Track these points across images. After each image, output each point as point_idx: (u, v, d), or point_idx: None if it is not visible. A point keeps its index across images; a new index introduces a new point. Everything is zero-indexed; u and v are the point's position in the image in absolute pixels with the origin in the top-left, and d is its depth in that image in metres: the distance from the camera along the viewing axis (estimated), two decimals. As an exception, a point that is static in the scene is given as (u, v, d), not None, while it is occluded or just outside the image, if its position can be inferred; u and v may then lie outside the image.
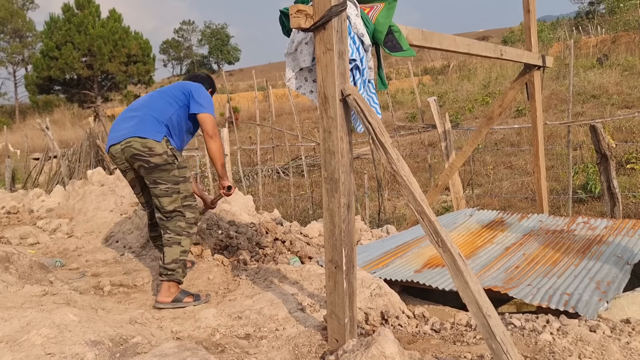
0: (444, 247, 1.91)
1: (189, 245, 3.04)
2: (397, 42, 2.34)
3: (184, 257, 3.00)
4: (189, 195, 3.07)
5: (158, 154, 2.94)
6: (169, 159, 2.97)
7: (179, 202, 3.02)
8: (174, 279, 2.95)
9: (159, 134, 2.97)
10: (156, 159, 2.94)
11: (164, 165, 2.96)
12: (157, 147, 2.94)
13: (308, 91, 2.45)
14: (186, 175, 3.06)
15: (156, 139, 2.95)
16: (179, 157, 3.06)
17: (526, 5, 4.28)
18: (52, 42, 26.22)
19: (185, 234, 3.02)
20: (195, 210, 3.08)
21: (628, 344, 2.16)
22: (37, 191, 6.09)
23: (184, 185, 3.05)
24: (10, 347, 2.02)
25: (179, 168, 3.04)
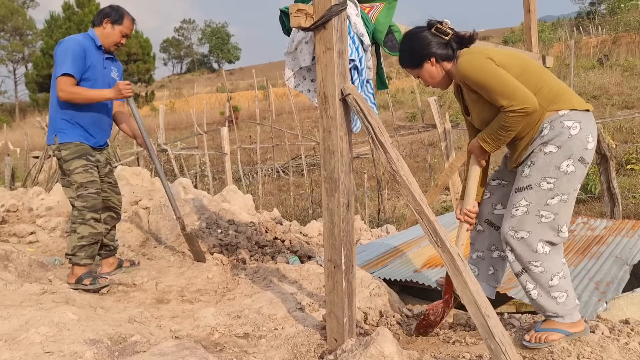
0: (443, 247, 1.90)
1: (87, 231, 3.20)
2: (397, 42, 2.34)
3: (82, 242, 3.19)
4: (79, 186, 3.19)
5: (53, 151, 3.25)
6: (58, 155, 3.22)
7: (73, 193, 3.23)
8: (73, 262, 3.20)
9: (51, 137, 3.22)
10: (55, 157, 3.26)
11: (59, 161, 3.26)
12: (51, 146, 3.26)
13: (306, 89, 2.46)
14: (71, 168, 3.18)
15: (50, 143, 3.26)
16: (66, 149, 3.18)
17: (527, 5, 4.27)
18: (53, 41, 26.19)
19: (80, 221, 3.19)
20: (86, 199, 3.19)
21: (627, 345, 2.16)
22: (37, 189, 6.09)
23: (72, 177, 3.19)
24: (9, 346, 2.02)
25: (65, 161, 3.19)
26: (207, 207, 4.56)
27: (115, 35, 3.30)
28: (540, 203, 2.10)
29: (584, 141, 2.08)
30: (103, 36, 3.27)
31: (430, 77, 2.24)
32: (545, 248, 2.13)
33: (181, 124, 22.66)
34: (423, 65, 2.21)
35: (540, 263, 2.13)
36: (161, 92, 31.87)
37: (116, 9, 3.31)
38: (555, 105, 2.10)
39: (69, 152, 3.18)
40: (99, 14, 3.30)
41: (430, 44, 2.17)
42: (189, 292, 3.18)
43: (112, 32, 3.29)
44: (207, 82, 43.57)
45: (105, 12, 3.29)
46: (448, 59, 2.20)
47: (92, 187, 3.22)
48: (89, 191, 3.20)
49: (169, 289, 3.25)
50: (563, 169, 2.07)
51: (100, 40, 3.26)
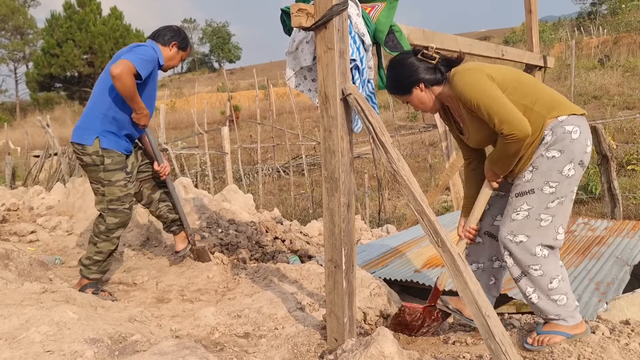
0: (443, 247, 1.90)
1: (107, 248, 3.09)
2: (398, 42, 2.34)
3: (98, 258, 3.09)
4: (115, 199, 3.04)
5: (88, 154, 3.00)
6: (97, 160, 3.00)
7: (104, 205, 3.05)
8: (83, 274, 3.10)
9: (90, 137, 2.99)
10: (86, 159, 3.02)
11: (90, 166, 3.03)
12: (87, 148, 3.00)
13: (307, 89, 2.45)
14: (112, 179, 3.02)
15: (87, 143, 3.00)
16: (110, 157, 3.01)
17: (528, 6, 4.27)
18: (53, 40, 26.26)
19: (104, 237, 3.07)
20: (119, 215, 3.06)
21: (627, 345, 2.16)
22: (37, 188, 6.10)
23: (109, 188, 3.03)
24: (9, 345, 2.02)
25: (105, 171, 3.01)
26: (207, 206, 4.56)
27: (176, 60, 3.21)
28: (541, 207, 2.10)
29: (584, 145, 2.10)
30: (167, 57, 3.16)
31: (420, 102, 2.23)
32: (544, 251, 2.14)
33: (182, 124, 22.67)
34: (412, 91, 2.20)
35: (540, 266, 2.13)
36: (162, 91, 31.83)
37: (184, 35, 3.22)
38: (555, 111, 2.11)
39: (112, 161, 3.02)
40: (166, 34, 3.15)
41: (417, 69, 2.16)
42: (190, 292, 3.19)
43: (176, 56, 3.19)
44: (208, 81, 43.57)
45: (174, 34, 3.17)
46: (437, 83, 2.18)
47: (127, 202, 3.10)
48: (124, 206, 3.08)
49: (170, 288, 3.25)
50: (565, 173, 2.08)
51: (164, 60, 3.15)
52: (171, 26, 3.24)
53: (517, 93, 2.08)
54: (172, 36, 3.15)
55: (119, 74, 2.79)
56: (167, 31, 3.17)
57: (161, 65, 3.15)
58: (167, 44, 3.14)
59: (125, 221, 3.12)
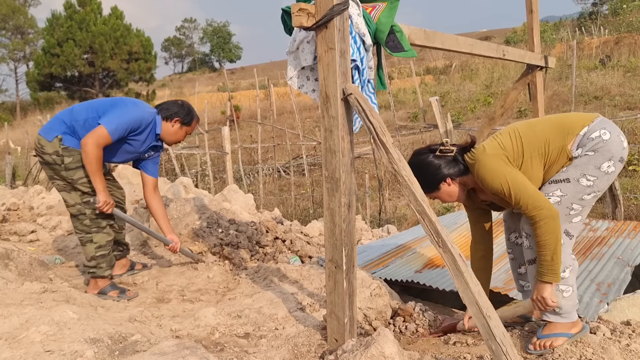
0: (444, 248, 1.90)
1: (104, 239, 3.07)
2: (398, 43, 2.33)
3: (101, 252, 3.06)
4: (85, 192, 3.00)
5: (48, 152, 2.96)
6: (57, 160, 2.96)
7: (78, 199, 3.01)
8: (96, 275, 3.06)
9: (52, 133, 2.96)
10: (46, 157, 2.97)
11: (52, 165, 2.98)
12: (47, 145, 2.95)
13: (310, 90, 2.45)
14: (75, 177, 2.97)
15: (47, 138, 2.96)
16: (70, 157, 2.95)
17: (529, 6, 4.27)
18: (54, 39, 26.25)
19: (95, 229, 3.04)
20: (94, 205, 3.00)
21: (628, 346, 2.16)
22: (38, 188, 6.09)
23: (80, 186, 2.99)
24: (9, 344, 2.02)
25: (67, 170, 2.96)
26: (208, 206, 4.56)
27: (180, 135, 3.22)
28: (575, 197, 2.13)
29: (619, 141, 2.15)
30: (168, 133, 3.17)
31: (449, 195, 2.29)
32: (564, 238, 2.16)
33: (182, 123, 22.61)
34: (440, 187, 2.26)
35: None
36: (162, 91, 31.87)
37: (188, 110, 3.21)
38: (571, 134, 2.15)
39: (73, 159, 2.97)
40: (170, 109, 3.16)
41: (440, 167, 2.22)
42: (190, 292, 3.18)
43: (178, 131, 3.20)
44: (209, 81, 43.58)
45: (177, 110, 3.17)
46: (462, 174, 2.25)
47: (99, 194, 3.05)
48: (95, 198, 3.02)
49: (170, 289, 3.24)
50: (604, 169, 2.12)
51: (162, 135, 3.17)
52: (176, 101, 3.25)
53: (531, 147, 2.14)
54: (175, 112, 3.16)
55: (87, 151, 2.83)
56: (171, 106, 3.18)
57: (157, 135, 3.15)
58: (169, 120, 3.16)
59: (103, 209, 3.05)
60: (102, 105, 3.05)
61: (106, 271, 3.08)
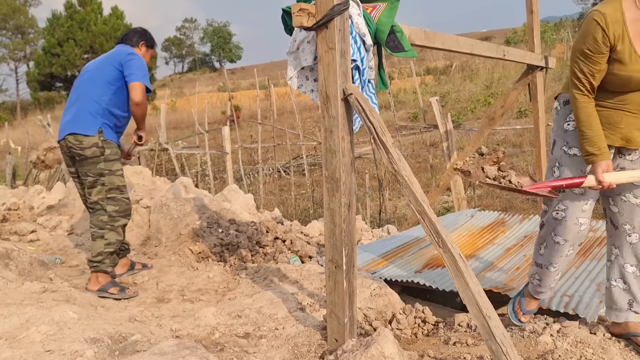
0: (444, 248, 1.90)
1: (114, 238, 3.16)
2: (399, 43, 2.33)
3: (109, 249, 3.13)
4: (114, 188, 3.15)
5: (88, 146, 3.08)
6: (97, 152, 3.09)
7: (103, 194, 3.14)
8: (99, 269, 3.10)
9: (92, 129, 3.09)
10: (86, 152, 3.08)
11: (89, 158, 3.09)
12: (87, 140, 3.08)
13: (309, 90, 2.45)
14: (112, 169, 3.14)
15: (89, 134, 3.08)
16: (110, 148, 3.14)
17: (529, 6, 4.26)
18: (54, 39, 26.27)
19: (109, 227, 3.14)
20: (119, 203, 3.16)
21: (628, 346, 2.16)
22: (38, 188, 6.09)
23: (109, 178, 3.13)
24: (9, 344, 2.02)
25: (106, 161, 3.12)
26: (208, 206, 4.56)
27: (147, 58, 3.40)
28: None
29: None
30: None
31: None
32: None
33: (182, 123, 22.66)
34: None
35: None
36: (163, 91, 31.88)
37: (149, 34, 3.45)
38: None
39: (112, 152, 3.14)
40: (133, 36, 3.37)
41: None
42: (190, 292, 3.18)
43: (145, 54, 3.39)
44: (209, 81, 43.59)
45: (140, 35, 3.39)
46: None
47: (126, 192, 3.22)
48: (123, 195, 3.19)
49: (170, 288, 3.25)
50: None
51: None
52: (135, 29, 3.47)
53: None
54: (139, 37, 3.39)
55: (141, 100, 3.11)
56: (133, 34, 3.40)
57: None
58: (137, 45, 3.37)
59: (125, 210, 3.19)
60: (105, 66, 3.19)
61: (109, 267, 3.14)
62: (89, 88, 3.17)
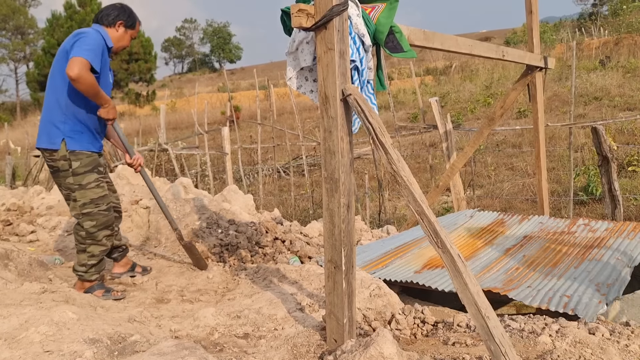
0: (443, 248, 1.90)
1: (97, 250, 3.04)
2: (398, 43, 2.34)
3: (93, 261, 3.04)
4: (88, 202, 2.94)
5: (57, 158, 2.91)
6: (66, 164, 2.90)
7: (78, 210, 2.96)
8: (82, 279, 3.07)
9: (55, 141, 2.88)
10: (57, 163, 2.93)
11: (59, 172, 2.93)
12: (54, 153, 2.90)
13: (308, 90, 2.45)
14: (82, 183, 2.92)
15: (53, 148, 2.89)
16: (78, 161, 2.91)
17: (529, 6, 4.27)
18: (54, 39, 26.26)
19: (90, 241, 3.01)
20: (96, 217, 2.97)
21: (627, 347, 2.16)
22: (38, 188, 6.09)
23: (80, 192, 2.93)
24: (8, 345, 2.02)
25: (74, 175, 2.91)
26: (207, 206, 4.56)
27: (126, 39, 3.10)
28: None
29: None
30: (115, 39, 3.02)
31: None
32: None
33: (182, 124, 22.67)
34: None
35: None
36: (162, 91, 31.88)
37: (129, 12, 3.08)
38: None
39: (81, 163, 2.90)
40: (110, 14, 3.01)
41: None
42: (189, 292, 3.18)
43: (124, 35, 3.07)
44: (209, 81, 43.60)
45: (118, 13, 3.03)
46: None
47: (103, 204, 3.00)
48: (99, 208, 2.98)
49: (169, 289, 3.25)
50: None
51: (112, 42, 3.01)
52: (115, 4, 3.09)
53: None
54: (116, 15, 3.02)
55: (77, 74, 2.64)
56: (110, 10, 3.03)
57: (110, 46, 3.00)
58: (112, 25, 3.01)
59: (104, 222, 3.02)
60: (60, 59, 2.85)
61: (93, 276, 3.07)
62: (48, 92, 2.91)
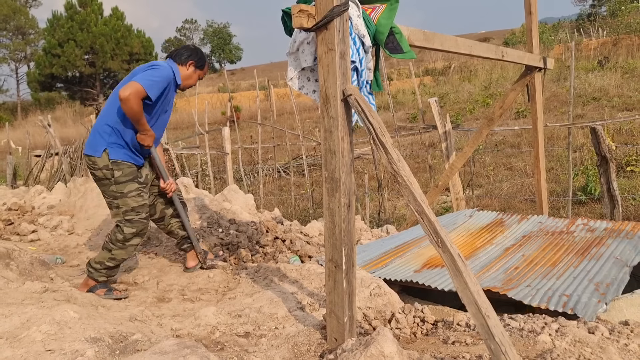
0: (443, 248, 1.91)
1: (120, 256, 3.11)
2: (398, 44, 2.35)
3: (110, 264, 3.10)
4: (129, 210, 3.06)
5: (99, 168, 3.02)
6: (107, 174, 3.02)
7: (121, 216, 3.07)
8: (91, 277, 3.10)
9: (99, 149, 3.00)
10: (98, 173, 3.04)
11: (102, 180, 3.05)
12: (97, 161, 3.01)
13: (310, 91, 2.46)
14: (124, 191, 3.03)
15: (96, 155, 3.01)
16: (120, 170, 3.02)
17: (528, 7, 4.28)
18: (55, 40, 26.24)
19: (119, 245, 3.08)
20: (136, 225, 3.07)
21: (626, 346, 2.17)
22: (39, 188, 6.10)
23: (123, 200, 3.04)
24: (10, 343, 2.03)
25: (117, 184, 3.02)
26: (208, 206, 4.57)
27: (194, 79, 3.24)
28: None
29: None
30: (184, 76, 3.18)
31: None
32: None
33: (183, 124, 22.68)
34: None
35: None
36: (162, 91, 31.74)
37: (201, 54, 3.25)
38: None
39: (122, 173, 3.03)
40: (183, 53, 3.19)
41: None
42: (190, 291, 3.19)
43: (192, 75, 3.22)
44: (209, 82, 43.59)
45: (191, 54, 3.20)
46: None
47: (143, 212, 3.10)
48: (140, 216, 3.08)
49: (170, 288, 3.26)
50: None
51: (181, 80, 3.17)
52: (188, 46, 3.28)
53: None
54: (189, 55, 3.19)
55: (127, 97, 2.82)
56: (184, 50, 3.22)
57: (178, 84, 3.17)
58: (184, 63, 3.18)
59: (141, 230, 3.12)
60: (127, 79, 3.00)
61: (101, 277, 3.12)
62: (106, 105, 3.08)
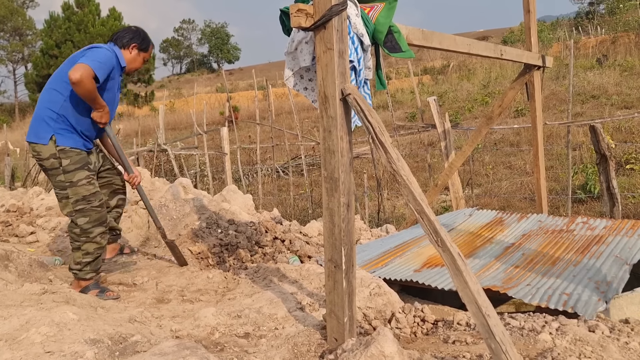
0: (443, 247, 1.91)
1: (92, 247, 3.03)
2: (396, 43, 2.34)
3: (87, 259, 3.04)
4: (80, 199, 2.96)
5: (45, 157, 2.92)
6: (55, 163, 2.92)
7: (70, 208, 2.98)
8: (78, 277, 3.08)
9: (45, 136, 2.90)
10: (45, 163, 2.94)
11: (50, 170, 2.94)
12: (43, 150, 2.91)
13: (302, 88, 2.46)
14: (73, 180, 2.93)
15: (42, 142, 2.90)
16: (68, 158, 2.92)
17: (526, 6, 4.28)
18: (52, 41, 26.23)
19: (84, 238, 3.00)
20: (89, 214, 2.98)
21: (627, 344, 2.17)
22: (37, 189, 6.09)
23: (73, 189, 2.94)
24: (9, 346, 2.02)
25: (65, 172, 2.92)
26: (207, 207, 4.56)
27: (138, 62, 3.20)
28: None
29: None
30: (128, 60, 3.14)
31: None
32: None
33: (181, 124, 22.68)
34: None
35: None
36: (161, 92, 31.86)
37: (143, 36, 3.19)
38: None
39: (71, 161, 2.93)
40: (124, 36, 3.13)
41: None
42: (190, 292, 3.19)
43: (137, 58, 3.17)
44: (207, 82, 43.58)
45: (133, 36, 3.15)
46: None
47: (95, 200, 3.02)
48: (92, 205, 3.00)
49: (170, 289, 3.25)
50: None
51: (125, 62, 3.12)
52: (130, 28, 3.23)
53: None
54: (130, 38, 3.13)
55: (78, 79, 2.71)
56: (125, 33, 3.16)
57: (123, 67, 3.11)
58: (127, 47, 3.13)
59: (98, 219, 3.02)
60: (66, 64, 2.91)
61: (88, 274, 3.08)
62: (44, 91, 2.98)
